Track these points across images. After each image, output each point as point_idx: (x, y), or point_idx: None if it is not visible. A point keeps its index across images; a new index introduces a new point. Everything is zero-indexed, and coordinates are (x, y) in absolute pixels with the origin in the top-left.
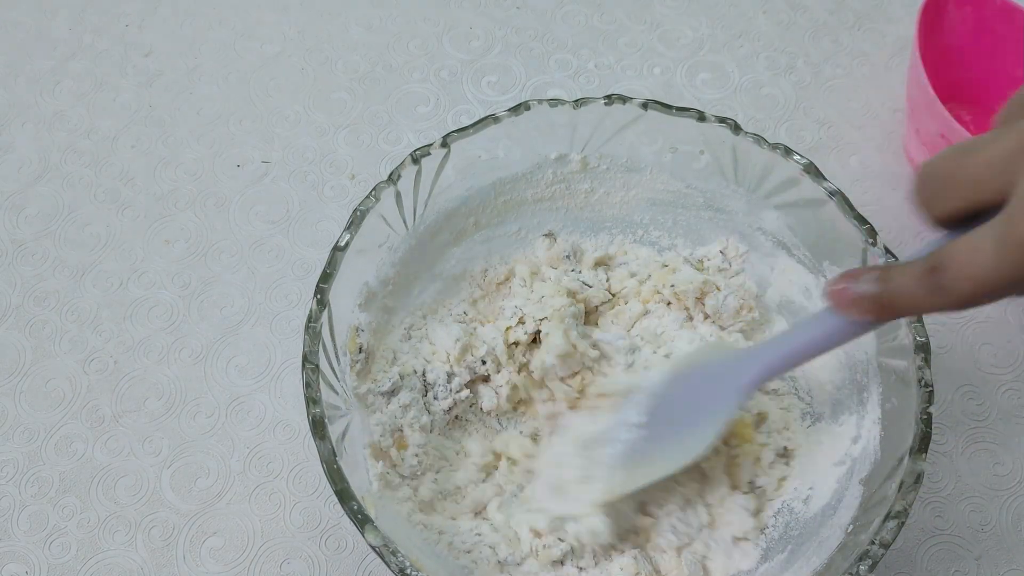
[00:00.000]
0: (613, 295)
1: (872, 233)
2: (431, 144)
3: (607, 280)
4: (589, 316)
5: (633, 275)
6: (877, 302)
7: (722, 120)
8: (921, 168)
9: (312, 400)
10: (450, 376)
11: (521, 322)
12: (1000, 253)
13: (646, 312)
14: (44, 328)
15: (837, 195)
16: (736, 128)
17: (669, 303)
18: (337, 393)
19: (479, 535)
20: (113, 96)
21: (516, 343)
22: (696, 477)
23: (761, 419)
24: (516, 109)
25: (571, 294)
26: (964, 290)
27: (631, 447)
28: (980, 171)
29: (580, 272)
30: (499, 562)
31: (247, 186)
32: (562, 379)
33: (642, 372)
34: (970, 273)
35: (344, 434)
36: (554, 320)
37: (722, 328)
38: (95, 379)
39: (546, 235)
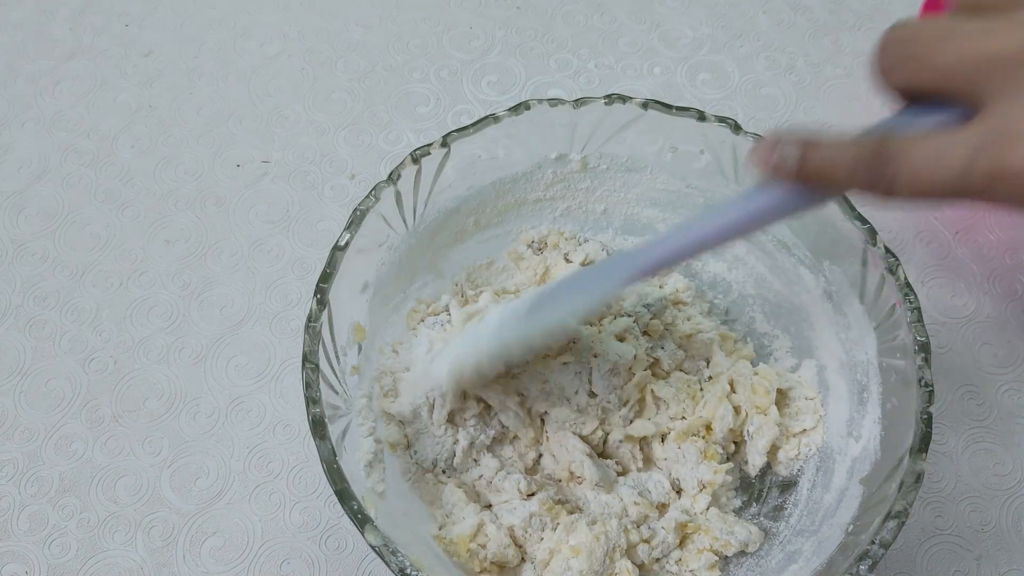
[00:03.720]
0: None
1: (872, 233)
2: (431, 144)
3: None
4: None
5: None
6: (799, 169)
7: (722, 120)
8: (888, 34)
9: (312, 400)
10: None
11: None
12: (967, 170)
13: None
14: (44, 328)
15: None
16: (736, 128)
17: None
18: (337, 393)
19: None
20: (113, 96)
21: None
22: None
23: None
24: (516, 109)
25: None
26: (910, 189)
27: (500, 321)
28: (952, 63)
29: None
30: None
31: (247, 186)
32: None
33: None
34: (926, 178)
35: (344, 434)
36: None
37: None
38: (95, 379)
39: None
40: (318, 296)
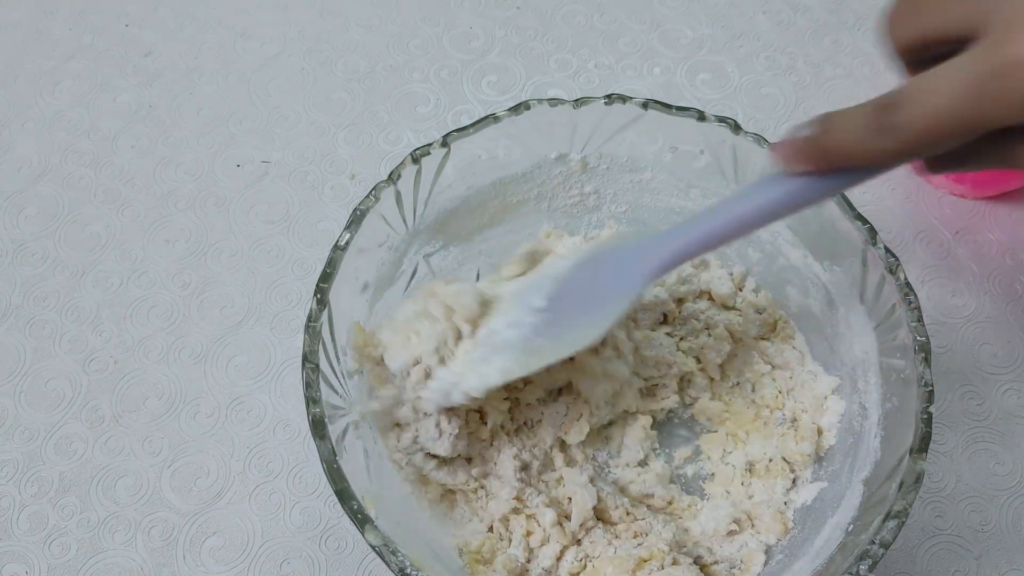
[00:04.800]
0: None
1: (872, 233)
2: (431, 144)
3: None
4: None
5: None
6: (816, 147)
7: (722, 120)
8: None
9: (312, 400)
10: None
11: None
12: (969, 84)
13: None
14: (44, 328)
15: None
16: (736, 128)
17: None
18: (337, 393)
19: None
20: (113, 96)
21: None
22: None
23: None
24: (516, 109)
25: None
26: (916, 128)
27: (530, 330)
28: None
29: None
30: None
31: (247, 186)
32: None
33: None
34: (928, 109)
35: (344, 434)
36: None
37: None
38: (95, 379)
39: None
40: (318, 296)
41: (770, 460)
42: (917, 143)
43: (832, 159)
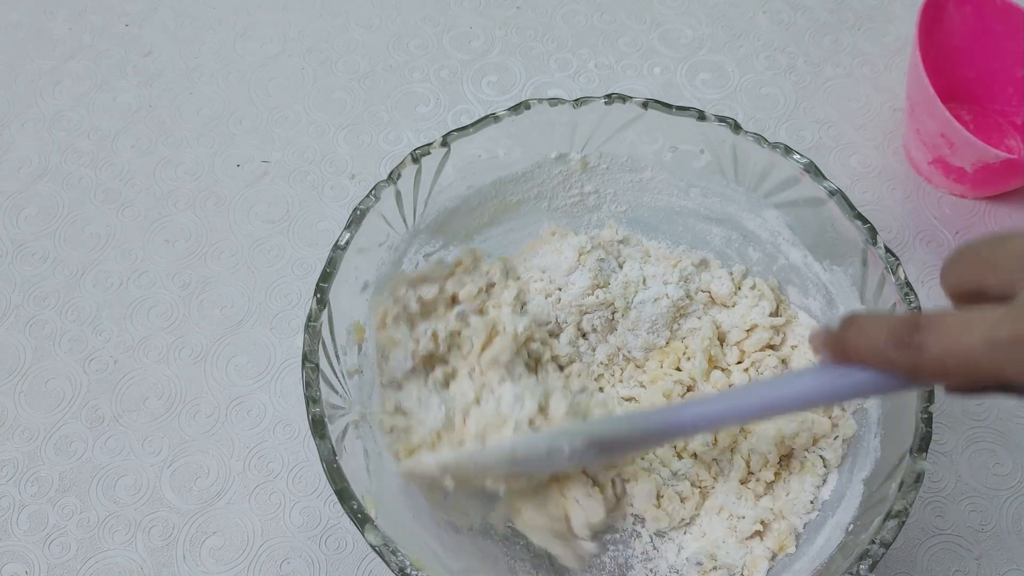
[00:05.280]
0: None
1: (872, 232)
2: (431, 143)
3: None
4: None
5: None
6: (837, 341)
7: (722, 119)
8: (960, 244)
9: (312, 400)
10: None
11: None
12: (988, 341)
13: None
14: (44, 328)
15: (837, 194)
16: (736, 127)
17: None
18: (337, 393)
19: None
20: (113, 96)
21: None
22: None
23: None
24: (516, 108)
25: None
26: (930, 356)
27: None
28: (998, 258)
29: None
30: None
31: (247, 186)
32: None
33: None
34: (948, 344)
35: (344, 434)
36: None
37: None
38: (95, 379)
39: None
40: (318, 296)
41: (806, 452)
42: (927, 370)
43: (848, 354)
